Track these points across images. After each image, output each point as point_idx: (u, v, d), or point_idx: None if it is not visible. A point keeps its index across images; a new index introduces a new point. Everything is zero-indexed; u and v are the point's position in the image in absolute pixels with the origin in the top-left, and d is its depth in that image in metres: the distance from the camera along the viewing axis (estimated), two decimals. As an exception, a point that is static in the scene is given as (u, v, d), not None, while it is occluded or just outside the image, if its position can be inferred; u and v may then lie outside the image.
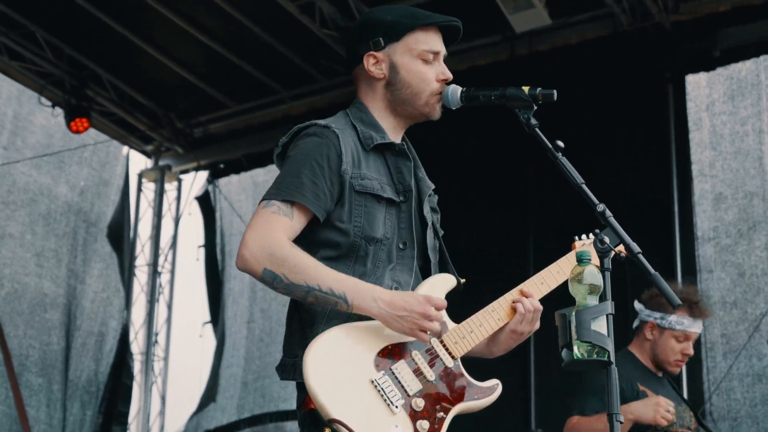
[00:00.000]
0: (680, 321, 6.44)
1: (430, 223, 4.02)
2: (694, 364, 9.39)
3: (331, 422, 3.47)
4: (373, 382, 3.59)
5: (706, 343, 9.51)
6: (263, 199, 3.72)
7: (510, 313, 3.94)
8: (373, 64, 4.00)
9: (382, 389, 3.59)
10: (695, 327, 6.50)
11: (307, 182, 3.71)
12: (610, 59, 10.42)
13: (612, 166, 9.99)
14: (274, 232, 3.63)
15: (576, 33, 10.71)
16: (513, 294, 3.97)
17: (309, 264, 3.60)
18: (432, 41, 4.02)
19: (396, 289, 3.79)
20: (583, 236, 4.24)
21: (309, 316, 3.73)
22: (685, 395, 9.08)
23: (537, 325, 3.96)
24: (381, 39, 3.99)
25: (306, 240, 3.73)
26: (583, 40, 10.67)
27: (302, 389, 3.64)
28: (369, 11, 4.22)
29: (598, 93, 10.25)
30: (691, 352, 6.58)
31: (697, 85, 10.17)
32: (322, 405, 3.49)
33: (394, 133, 4.02)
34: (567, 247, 4.20)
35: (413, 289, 3.84)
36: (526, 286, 4.00)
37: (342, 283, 3.59)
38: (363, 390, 3.57)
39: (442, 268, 4.04)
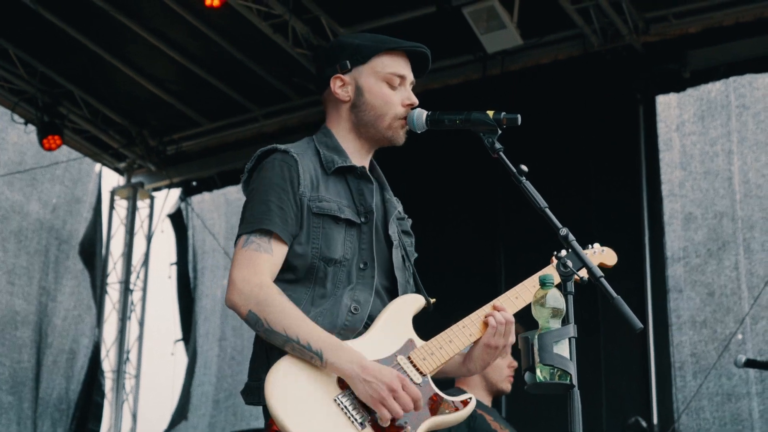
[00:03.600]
0: None
1: (396, 243, 4.02)
2: (664, 383, 9.44)
3: None
4: (336, 400, 3.59)
5: (675, 363, 9.55)
6: (240, 235, 3.79)
7: (482, 328, 3.93)
8: (340, 87, 4.03)
9: (346, 408, 3.58)
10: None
11: (275, 209, 3.76)
12: (580, 79, 10.48)
13: (582, 185, 10.04)
14: (260, 275, 3.69)
15: (547, 53, 10.77)
16: (485, 309, 3.98)
17: (291, 314, 3.63)
18: (398, 66, 4.04)
19: (355, 308, 3.79)
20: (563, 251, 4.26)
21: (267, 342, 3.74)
22: (655, 415, 9.17)
23: (512, 338, 3.95)
24: (348, 62, 4.03)
25: None
26: (554, 60, 10.73)
27: (267, 413, 3.63)
28: (338, 37, 4.27)
29: (569, 112, 10.32)
30: (515, 363, 6.59)
31: (668, 105, 10.24)
32: (284, 426, 3.49)
33: (358, 156, 4.04)
34: (537, 266, 4.20)
35: (374, 307, 3.84)
36: (500, 300, 4.01)
37: (320, 340, 3.61)
38: (326, 409, 3.56)
39: (408, 288, 4.04)
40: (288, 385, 3.57)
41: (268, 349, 3.73)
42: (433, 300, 3.99)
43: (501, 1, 9.90)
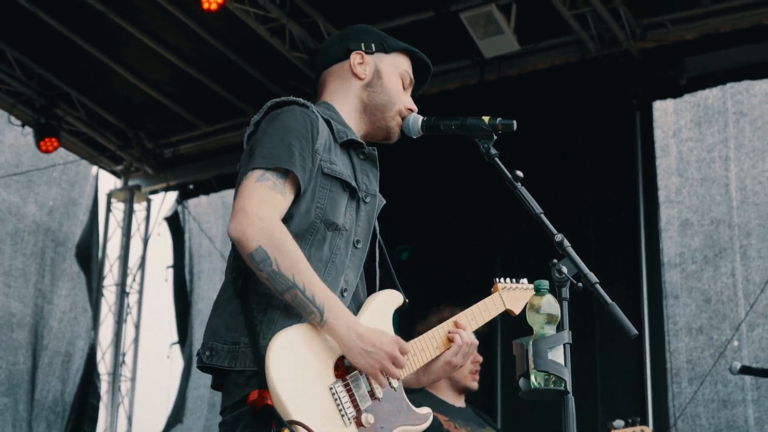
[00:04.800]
0: None
1: (378, 237, 4.04)
2: (660, 389, 9.44)
3: (291, 423, 3.37)
4: (331, 389, 3.55)
5: (671, 369, 9.55)
6: (254, 168, 3.61)
7: (446, 343, 3.97)
8: (359, 63, 4.06)
9: (339, 398, 3.54)
10: None
11: (296, 153, 3.64)
12: (577, 85, 10.48)
13: (579, 191, 10.04)
14: (275, 214, 3.55)
15: (544, 59, 10.79)
16: (449, 324, 4.00)
17: (303, 264, 3.51)
18: (411, 70, 4.15)
19: (345, 290, 3.75)
20: (502, 279, 4.31)
21: (263, 300, 3.60)
22: (650, 421, 9.15)
23: (468, 360, 3.99)
24: (373, 45, 4.09)
25: None
26: (551, 65, 10.74)
27: (246, 381, 3.50)
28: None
29: (566, 118, 10.32)
30: (480, 358, 6.59)
31: (664, 111, 10.24)
32: (284, 404, 3.39)
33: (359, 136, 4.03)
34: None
35: (355, 291, 3.82)
36: (461, 318, 4.03)
37: (325, 297, 3.51)
38: (321, 396, 3.52)
39: (388, 284, 4.02)
40: (290, 361, 3.48)
41: (256, 311, 3.58)
42: (407, 300, 3.96)
43: (498, 6, 9.91)
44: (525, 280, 4.36)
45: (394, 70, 4.07)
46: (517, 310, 4.25)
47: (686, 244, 9.81)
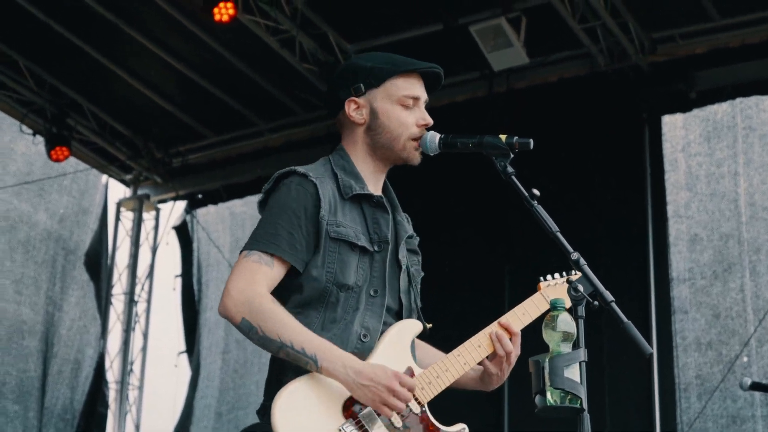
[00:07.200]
0: None
1: (404, 267, 4.05)
2: (668, 404, 9.43)
3: None
4: (340, 430, 3.61)
5: (680, 384, 9.55)
6: (243, 250, 3.80)
7: (490, 345, 3.96)
8: (354, 110, 4.04)
9: None
10: None
11: (283, 233, 3.78)
12: (587, 98, 10.49)
13: (587, 205, 10.03)
14: (255, 284, 3.70)
15: (553, 72, 10.81)
16: (485, 331, 3.98)
17: (285, 321, 3.66)
18: (412, 87, 4.06)
19: (365, 335, 3.82)
20: (549, 276, 4.25)
21: (280, 362, 3.77)
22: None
23: (515, 355, 4.00)
24: (362, 85, 4.04)
25: (279, 286, 3.78)
26: (560, 78, 10.76)
27: None
28: (350, 59, 4.27)
29: (575, 131, 10.32)
30: None
31: (674, 125, 10.25)
32: None
33: (373, 178, 4.06)
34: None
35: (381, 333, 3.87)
36: (506, 318, 4.02)
37: (314, 345, 3.63)
38: None
39: (412, 310, 4.06)
40: (295, 411, 3.59)
41: (280, 371, 3.77)
42: (429, 325, 4.00)
43: (508, 19, 9.93)
44: (565, 274, 4.32)
45: (389, 102, 4.02)
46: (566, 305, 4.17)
47: (695, 259, 9.81)
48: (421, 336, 3.98)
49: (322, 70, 10.93)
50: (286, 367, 3.75)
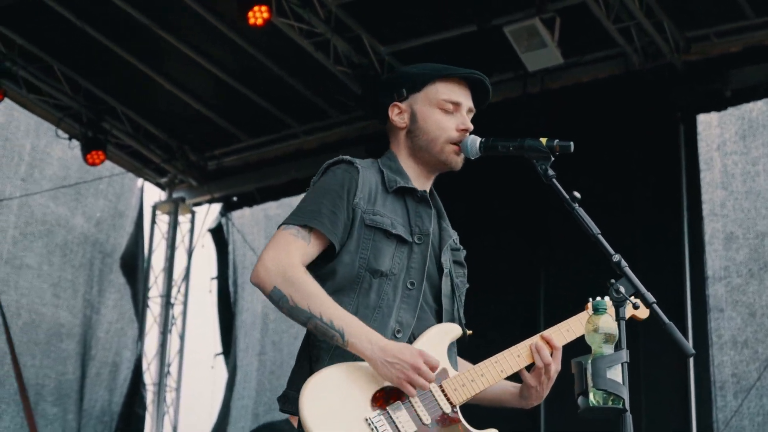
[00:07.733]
0: None
1: (447, 270, 4.07)
2: (704, 403, 9.41)
3: None
4: (367, 420, 3.61)
5: (716, 383, 9.53)
6: (283, 223, 3.86)
7: (530, 356, 3.97)
8: (396, 114, 4.13)
9: (376, 428, 3.60)
10: None
11: (325, 211, 3.83)
12: (621, 98, 10.48)
13: (622, 204, 10.01)
14: (290, 255, 3.75)
15: (588, 72, 10.81)
16: (525, 343, 3.99)
17: (316, 293, 3.70)
18: (452, 92, 4.11)
19: (398, 331, 3.84)
20: (598, 298, 4.26)
21: (317, 352, 3.80)
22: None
23: (555, 369, 4.00)
24: (404, 90, 4.13)
25: (312, 274, 3.80)
26: (594, 78, 10.75)
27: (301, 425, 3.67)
28: (397, 69, 4.33)
29: (609, 131, 10.29)
30: None
31: (709, 124, 10.23)
32: None
33: (419, 181, 4.10)
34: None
35: (417, 331, 3.89)
36: (548, 333, 4.03)
37: (343, 319, 3.67)
38: (357, 428, 3.60)
39: (454, 317, 4.07)
40: (323, 399, 3.60)
41: (313, 361, 3.79)
42: (469, 332, 4.01)
43: (542, 20, 9.94)
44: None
45: (429, 106, 4.09)
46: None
47: (731, 257, 9.78)
48: (461, 340, 3.98)
49: (355, 72, 10.97)
50: (318, 356, 3.78)
